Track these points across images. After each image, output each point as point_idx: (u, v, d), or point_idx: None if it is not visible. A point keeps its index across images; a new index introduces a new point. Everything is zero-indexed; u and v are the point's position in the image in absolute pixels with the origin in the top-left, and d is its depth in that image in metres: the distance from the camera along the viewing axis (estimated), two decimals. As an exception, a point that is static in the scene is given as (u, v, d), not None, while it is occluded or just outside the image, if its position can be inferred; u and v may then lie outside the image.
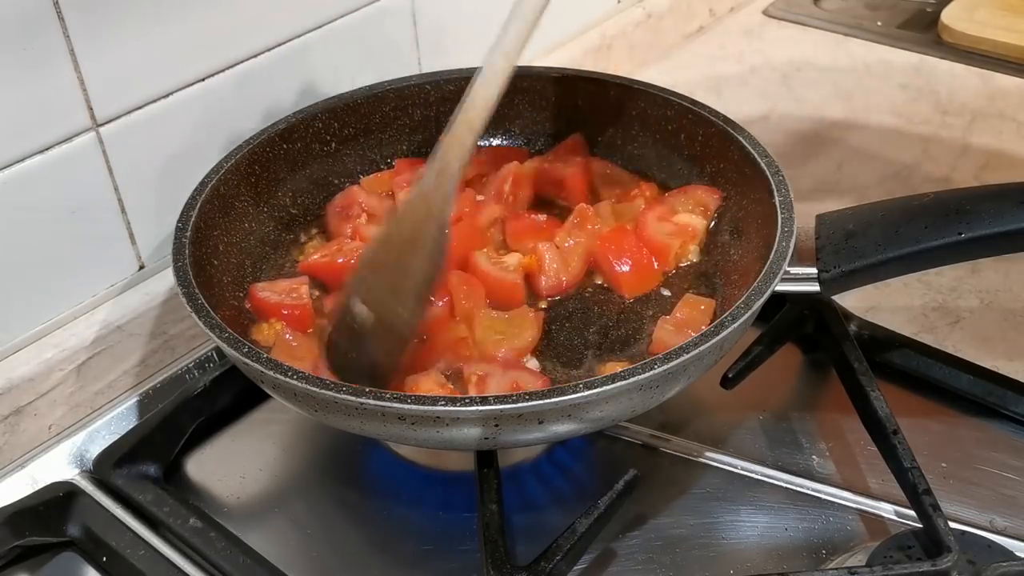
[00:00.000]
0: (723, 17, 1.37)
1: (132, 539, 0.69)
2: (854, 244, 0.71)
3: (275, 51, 0.86)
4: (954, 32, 1.26)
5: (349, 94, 0.87)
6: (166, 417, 0.75)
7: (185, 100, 0.80)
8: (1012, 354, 0.82)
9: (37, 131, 0.72)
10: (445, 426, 0.61)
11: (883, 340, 0.81)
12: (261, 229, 0.82)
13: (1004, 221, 0.68)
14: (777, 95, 1.20)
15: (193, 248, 0.72)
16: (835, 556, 0.68)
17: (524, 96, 0.91)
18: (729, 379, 0.77)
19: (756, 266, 0.71)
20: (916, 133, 1.11)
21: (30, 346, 0.76)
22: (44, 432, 0.77)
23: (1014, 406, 0.77)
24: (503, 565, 0.62)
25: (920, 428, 0.75)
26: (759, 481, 0.74)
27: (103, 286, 0.80)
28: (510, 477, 0.72)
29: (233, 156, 0.80)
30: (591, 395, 0.60)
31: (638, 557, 0.69)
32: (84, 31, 0.72)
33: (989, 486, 0.73)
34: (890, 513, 0.71)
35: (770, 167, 0.76)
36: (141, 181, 0.80)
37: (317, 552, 0.70)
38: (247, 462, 0.77)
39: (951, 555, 0.62)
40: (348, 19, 0.91)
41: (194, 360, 0.83)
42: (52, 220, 0.75)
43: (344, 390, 0.60)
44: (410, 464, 0.76)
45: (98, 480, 0.74)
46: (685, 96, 0.86)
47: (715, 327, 0.63)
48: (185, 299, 0.67)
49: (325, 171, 0.88)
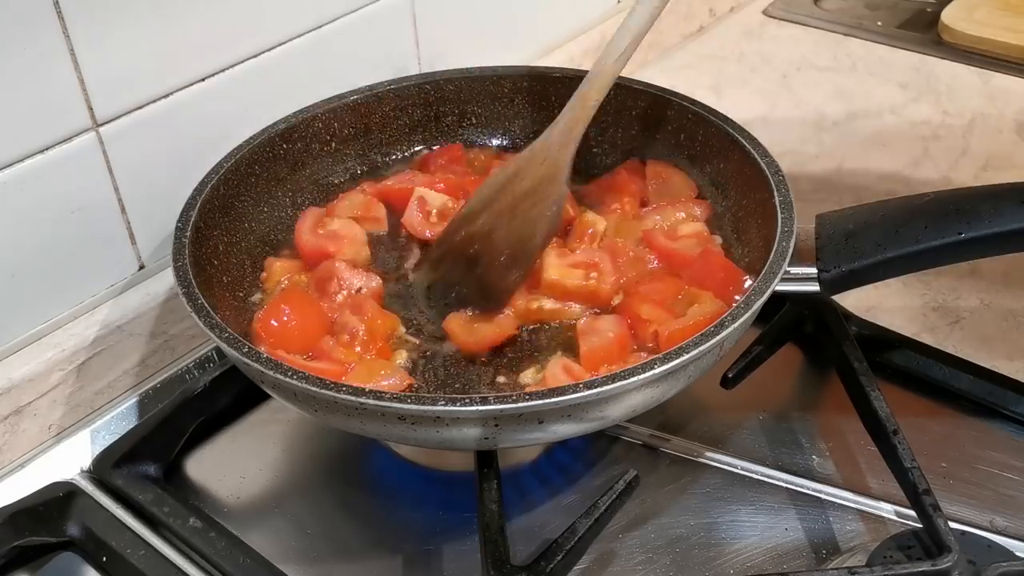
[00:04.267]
0: (723, 17, 1.37)
1: (132, 539, 0.69)
2: (854, 244, 0.71)
3: (275, 51, 0.86)
4: (954, 32, 1.26)
5: (349, 94, 0.87)
6: (166, 417, 0.75)
7: (185, 100, 0.80)
8: (1012, 354, 0.82)
9: (37, 131, 0.72)
10: (445, 426, 0.61)
11: (883, 340, 0.81)
12: (261, 229, 0.82)
13: (1004, 221, 0.68)
14: (777, 95, 1.20)
15: (193, 248, 0.72)
16: (835, 556, 0.68)
17: (524, 96, 0.91)
18: (729, 379, 0.77)
19: (756, 266, 0.71)
20: (916, 133, 1.11)
21: (30, 346, 0.76)
22: (44, 432, 0.77)
23: (1014, 406, 0.77)
24: (503, 565, 0.62)
25: (920, 428, 0.75)
26: (759, 481, 0.74)
27: (103, 286, 0.80)
28: (510, 477, 0.71)
29: (233, 156, 0.80)
30: (591, 395, 0.60)
31: (638, 557, 0.69)
32: (84, 31, 0.72)
33: (989, 486, 0.73)
34: (890, 513, 0.71)
35: (770, 167, 0.76)
36: (141, 181, 0.80)
37: (317, 552, 0.70)
38: (247, 462, 0.77)
39: (951, 555, 0.62)
40: (348, 19, 0.91)
41: (194, 360, 0.83)
42: (52, 220, 0.75)
43: (344, 390, 0.60)
44: (410, 464, 0.76)
45: (98, 480, 0.74)
46: (685, 96, 0.86)
47: (715, 327, 0.63)
48: (185, 299, 0.67)
49: (325, 171, 0.88)
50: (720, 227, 0.82)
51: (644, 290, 0.75)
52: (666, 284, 0.76)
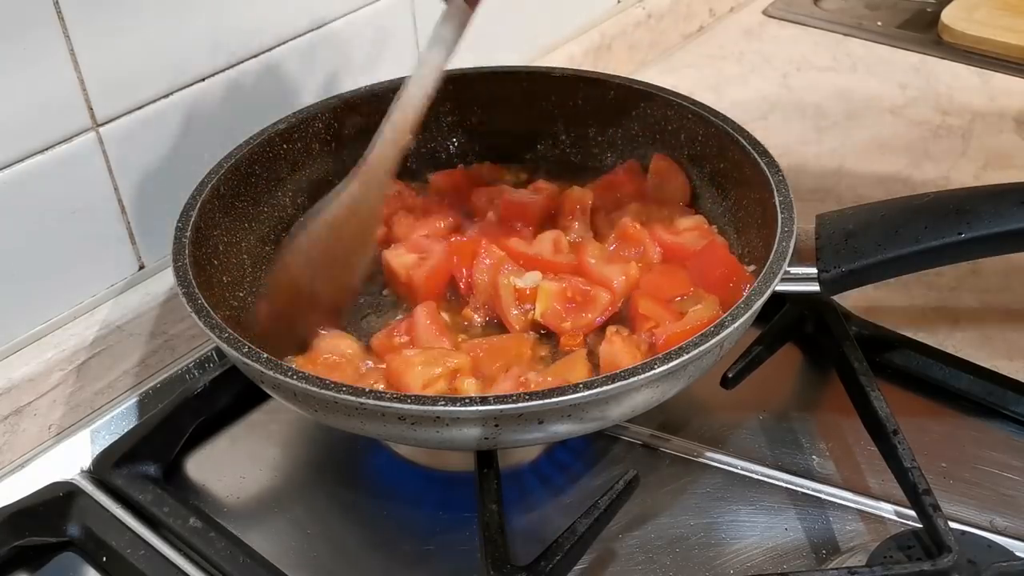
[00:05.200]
0: (723, 17, 1.37)
1: (132, 539, 0.69)
2: (854, 244, 0.71)
3: (275, 51, 0.86)
4: (954, 32, 1.26)
5: (349, 94, 0.87)
6: (166, 417, 0.75)
7: (185, 100, 0.80)
8: (1012, 354, 0.82)
9: (37, 131, 0.72)
10: (445, 426, 0.61)
11: (883, 340, 0.81)
12: (261, 229, 0.82)
13: (1004, 221, 0.68)
14: (777, 95, 1.20)
15: (193, 248, 0.72)
16: (835, 556, 0.68)
17: (524, 96, 0.91)
18: (729, 379, 0.76)
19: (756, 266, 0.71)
20: (916, 133, 1.11)
21: (30, 346, 0.76)
22: (44, 432, 0.77)
23: (1014, 406, 0.77)
24: (503, 565, 0.62)
25: (920, 428, 0.75)
26: (759, 481, 0.74)
27: (103, 286, 0.80)
28: (510, 477, 0.71)
29: (233, 156, 0.80)
30: (591, 395, 0.59)
31: (638, 557, 0.69)
32: (84, 31, 0.72)
33: (989, 486, 0.73)
34: (890, 513, 0.71)
35: (770, 167, 0.76)
36: (141, 181, 0.80)
37: (317, 552, 0.70)
38: (247, 462, 0.77)
39: (951, 555, 0.62)
40: (348, 19, 0.91)
41: (194, 360, 0.83)
42: (52, 220, 0.75)
43: (344, 390, 0.60)
44: (410, 464, 0.76)
45: (98, 480, 0.74)
46: (685, 96, 0.86)
47: (715, 327, 0.63)
48: (185, 299, 0.67)
49: (325, 171, 0.88)
50: (720, 227, 0.82)
51: (645, 284, 0.76)
52: (668, 279, 0.76)
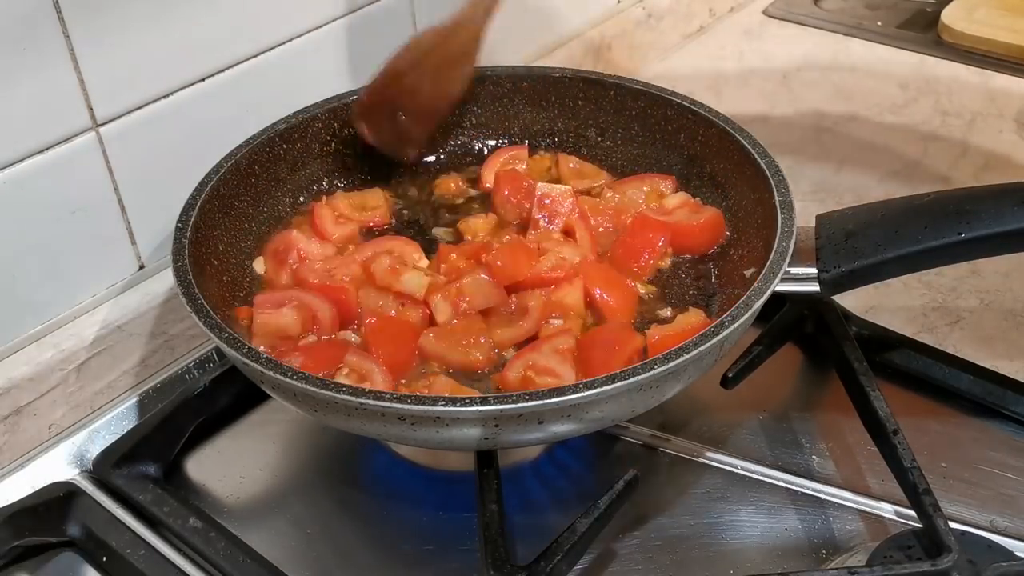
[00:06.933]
0: (723, 17, 1.37)
1: (132, 539, 0.69)
2: (854, 244, 0.71)
3: (275, 51, 0.86)
4: (954, 32, 1.26)
5: (349, 94, 0.87)
6: (166, 417, 0.75)
7: (185, 100, 0.80)
8: (1012, 354, 0.82)
9: (37, 131, 0.72)
10: (445, 426, 0.61)
11: (883, 340, 0.81)
12: (261, 229, 0.82)
13: (1004, 221, 0.68)
14: (777, 95, 1.20)
15: (193, 248, 0.72)
16: (835, 556, 0.68)
17: (524, 96, 0.91)
18: (729, 379, 0.77)
19: (756, 266, 0.71)
20: (916, 133, 1.11)
21: (30, 346, 0.76)
22: (44, 432, 0.77)
23: (1014, 406, 0.77)
24: (503, 565, 0.62)
25: (920, 428, 0.75)
26: (759, 481, 0.74)
27: (103, 286, 0.80)
28: (510, 477, 0.71)
29: (233, 156, 0.80)
30: (591, 395, 0.60)
31: (638, 557, 0.69)
32: (84, 31, 0.72)
33: (989, 486, 0.73)
34: (890, 513, 0.71)
35: (770, 167, 0.76)
36: (141, 181, 0.80)
37: (317, 552, 0.70)
38: (247, 462, 0.77)
39: (951, 555, 0.62)
40: (348, 19, 0.91)
41: (194, 360, 0.83)
42: (52, 220, 0.75)
43: (344, 390, 0.60)
44: (410, 464, 0.76)
45: (98, 480, 0.74)
46: (685, 96, 0.86)
47: (715, 327, 0.63)
48: (185, 299, 0.67)
49: (325, 171, 0.88)
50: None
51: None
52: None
